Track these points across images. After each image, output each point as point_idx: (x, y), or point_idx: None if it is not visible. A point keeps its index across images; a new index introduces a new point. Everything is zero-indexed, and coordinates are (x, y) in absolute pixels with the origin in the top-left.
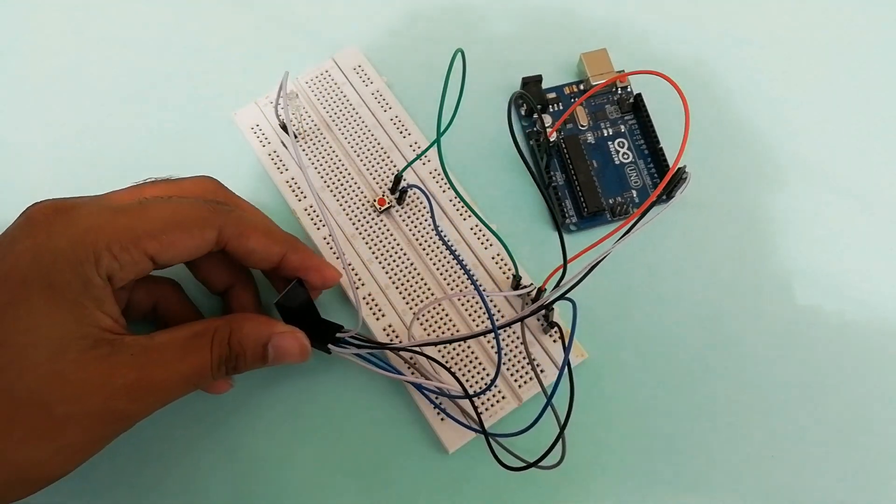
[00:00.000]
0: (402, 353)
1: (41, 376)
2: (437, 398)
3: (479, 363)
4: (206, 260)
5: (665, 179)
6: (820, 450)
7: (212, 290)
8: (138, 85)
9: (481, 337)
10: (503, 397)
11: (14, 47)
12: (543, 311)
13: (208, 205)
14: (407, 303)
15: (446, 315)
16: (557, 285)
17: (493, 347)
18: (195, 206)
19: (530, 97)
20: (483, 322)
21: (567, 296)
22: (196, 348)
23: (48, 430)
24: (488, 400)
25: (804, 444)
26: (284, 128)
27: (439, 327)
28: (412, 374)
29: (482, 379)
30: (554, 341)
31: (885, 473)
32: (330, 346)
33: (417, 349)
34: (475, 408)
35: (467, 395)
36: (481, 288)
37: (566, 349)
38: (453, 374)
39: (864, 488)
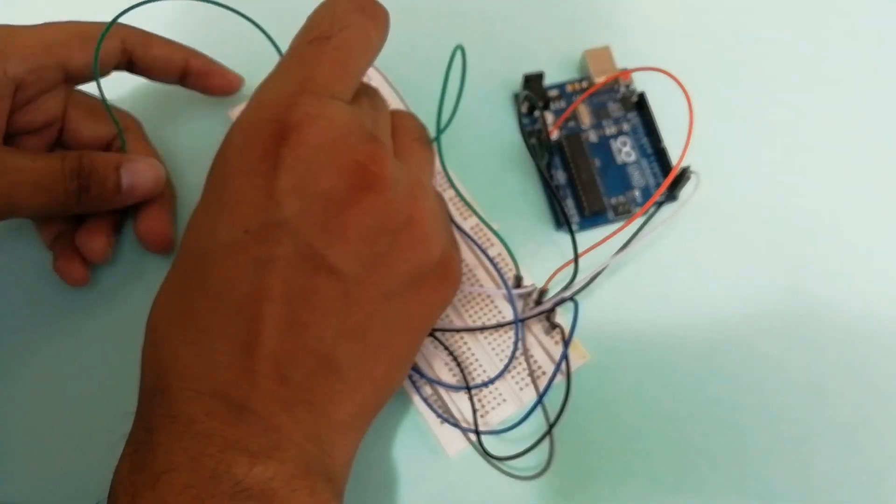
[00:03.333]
0: None
1: None
2: (433, 397)
3: (478, 362)
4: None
5: (669, 178)
6: (825, 452)
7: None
8: (137, 84)
9: (480, 336)
10: (504, 400)
11: None
12: (546, 313)
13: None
14: None
15: (446, 315)
16: (569, 284)
17: (488, 344)
18: (98, 23)
19: (534, 96)
20: (479, 319)
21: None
22: (47, 157)
23: None
24: (489, 402)
25: (809, 447)
26: None
27: (439, 325)
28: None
29: (478, 376)
30: (556, 343)
31: (890, 476)
32: None
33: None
34: (472, 401)
35: (467, 387)
36: (483, 286)
37: (564, 350)
38: (456, 360)
39: (868, 490)
